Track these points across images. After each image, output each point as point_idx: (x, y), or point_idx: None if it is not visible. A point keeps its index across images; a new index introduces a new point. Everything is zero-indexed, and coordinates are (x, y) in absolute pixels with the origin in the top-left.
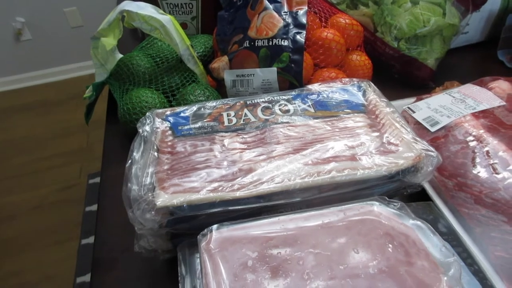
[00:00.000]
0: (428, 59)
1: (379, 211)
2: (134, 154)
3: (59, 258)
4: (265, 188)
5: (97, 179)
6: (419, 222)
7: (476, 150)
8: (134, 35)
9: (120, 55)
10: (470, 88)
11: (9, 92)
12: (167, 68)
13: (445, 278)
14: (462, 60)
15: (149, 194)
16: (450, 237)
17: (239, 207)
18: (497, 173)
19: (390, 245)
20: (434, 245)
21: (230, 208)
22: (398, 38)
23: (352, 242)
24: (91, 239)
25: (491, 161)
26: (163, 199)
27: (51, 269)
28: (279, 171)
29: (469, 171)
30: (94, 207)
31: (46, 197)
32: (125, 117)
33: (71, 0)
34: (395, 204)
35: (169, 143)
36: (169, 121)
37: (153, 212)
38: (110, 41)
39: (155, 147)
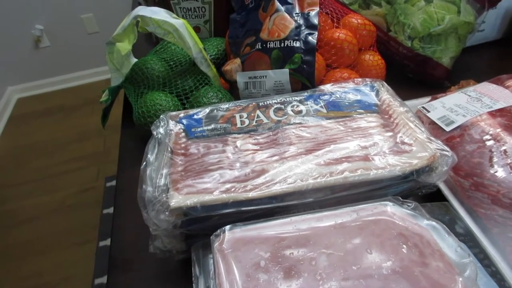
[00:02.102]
0: (443, 58)
1: (392, 211)
2: (149, 156)
3: (78, 259)
4: (277, 188)
5: (114, 182)
6: (433, 223)
7: (493, 150)
8: (148, 40)
9: (135, 60)
10: (486, 87)
11: (28, 98)
12: (181, 71)
13: (461, 279)
14: (478, 58)
15: (163, 195)
16: (467, 238)
17: (252, 207)
18: None
19: (404, 246)
20: (449, 245)
21: (243, 208)
22: (412, 37)
23: (366, 243)
24: (108, 241)
25: (509, 161)
26: (177, 200)
27: (69, 271)
28: (291, 172)
29: (486, 170)
30: (111, 210)
31: (65, 200)
32: (140, 120)
33: (88, 7)
34: (409, 204)
35: (183, 145)
36: (182, 124)
37: (167, 213)
38: (125, 46)
39: (169, 149)
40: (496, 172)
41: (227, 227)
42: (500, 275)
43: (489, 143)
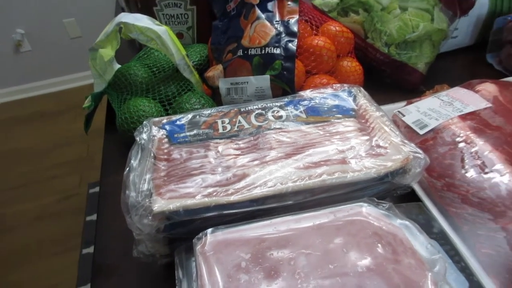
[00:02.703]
0: (418, 63)
1: (368, 212)
2: (132, 161)
3: (61, 268)
4: (258, 192)
5: (97, 189)
6: (406, 222)
7: (463, 151)
8: (131, 46)
9: (118, 66)
10: (458, 91)
11: (9, 103)
12: (164, 77)
13: (430, 274)
14: (452, 64)
15: (146, 200)
16: (439, 236)
17: (233, 211)
18: (483, 173)
19: (379, 244)
20: (420, 243)
21: (225, 212)
22: (389, 44)
23: (342, 242)
24: (91, 249)
25: (478, 162)
26: (160, 204)
27: (52, 279)
28: (271, 176)
29: (456, 171)
30: (94, 217)
31: (47, 208)
32: (123, 126)
33: (70, 11)
34: (383, 205)
35: (166, 151)
36: (165, 129)
37: (150, 218)
38: (108, 52)
39: (152, 155)
40: (466, 172)
41: (209, 230)
42: (469, 270)
43: (460, 145)
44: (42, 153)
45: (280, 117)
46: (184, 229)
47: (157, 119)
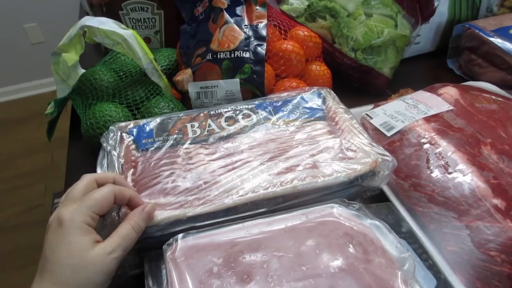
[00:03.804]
0: (384, 68)
1: (339, 212)
2: (99, 170)
3: (24, 282)
4: (230, 201)
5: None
6: (376, 222)
7: (428, 152)
8: (97, 50)
9: (83, 70)
10: (422, 95)
11: None
12: (131, 82)
13: (400, 272)
14: (415, 69)
15: (114, 214)
16: (407, 235)
17: (206, 222)
18: (447, 173)
19: (350, 245)
20: (390, 242)
21: (197, 224)
22: (355, 49)
23: (314, 244)
24: None
25: (442, 162)
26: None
27: None
28: (243, 183)
29: (422, 172)
30: None
31: (8, 220)
32: (88, 132)
33: (31, 16)
34: (354, 205)
35: (133, 158)
36: (132, 135)
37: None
38: (71, 57)
39: (119, 162)
40: (431, 173)
41: (180, 235)
42: (436, 267)
43: (425, 146)
44: (4, 162)
45: (251, 120)
46: (154, 240)
47: (123, 124)
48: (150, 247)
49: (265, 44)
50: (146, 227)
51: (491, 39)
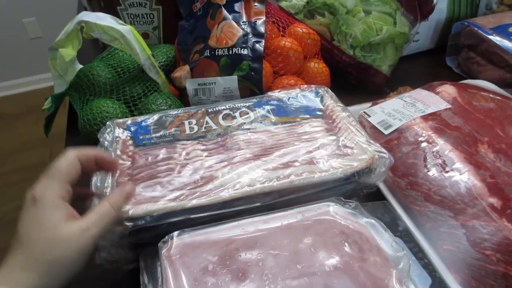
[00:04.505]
0: (382, 66)
1: (335, 211)
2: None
3: None
4: (226, 194)
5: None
6: (372, 220)
7: (426, 151)
8: (95, 46)
9: (80, 66)
10: (420, 93)
11: None
12: (129, 78)
13: (395, 271)
14: (414, 67)
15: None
16: (403, 233)
17: (201, 214)
18: (444, 172)
19: (345, 243)
20: (385, 241)
21: (192, 216)
22: (354, 46)
23: (310, 242)
24: None
25: (439, 161)
26: (124, 210)
27: None
28: (240, 178)
29: (419, 170)
30: None
31: (5, 215)
32: (85, 128)
33: (30, 10)
34: (350, 204)
35: (130, 153)
36: (130, 131)
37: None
38: (69, 52)
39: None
40: (428, 171)
41: (175, 233)
42: (431, 266)
43: (422, 145)
44: (1, 157)
45: (248, 117)
46: (150, 233)
47: (121, 120)
48: (145, 242)
49: (263, 41)
50: (139, 217)
51: (490, 37)
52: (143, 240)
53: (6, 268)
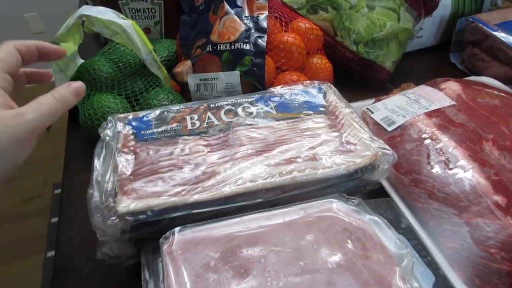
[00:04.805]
0: (386, 62)
1: (338, 208)
2: (96, 160)
3: (24, 272)
4: (227, 190)
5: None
6: (375, 217)
7: (429, 148)
8: (96, 40)
9: (82, 61)
10: (423, 89)
11: None
12: (130, 73)
13: (398, 269)
14: (417, 63)
15: (110, 200)
16: (407, 231)
17: (202, 210)
18: (448, 169)
19: (348, 240)
20: (389, 238)
21: (193, 211)
22: (357, 42)
23: (312, 239)
24: None
25: (443, 158)
26: (125, 204)
27: (15, 284)
28: (242, 173)
29: (423, 167)
30: None
31: (9, 210)
32: (86, 123)
33: (32, 5)
34: (353, 200)
35: (132, 148)
36: (131, 126)
37: (114, 218)
38: (70, 46)
39: (117, 152)
40: (432, 168)
41: (177, 229)
42: (435, 264)
43: (426, 141)
44: None
45: (251, 113)
46: (151, 229)
47: (122, 115)
48: (146, 238)
49: (266, 36)
50: (141, 212)
51: (495, 33)
52: (144, 235)
53: None
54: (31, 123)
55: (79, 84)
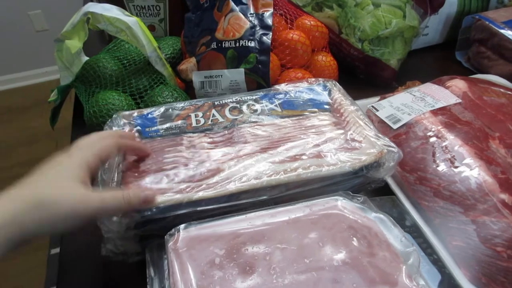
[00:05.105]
0: (391, 59)
1: (343, 205)
2: None
3: (27, 268)
4: (232, 187)
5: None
6: (381, 215)
7: (435, 146)
8: (101, 38)
9: (86, 58)
10: (429, 87)
11: None
12: (135, 70)
13: (405, 267)
14: (423, 61)
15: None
16: (412, 229)
17: (207, 207)
18: (454, 167)
19: (354, 238)
20: (395, 236)
21: (198, 208)
22: (362, 39)
23: (318, 236)
24: None
25: (449, 156)
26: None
27: (19, 280)
28: (246, 171)
29: (428, 165)
30: None
31: None
32: (91, 120)
33: (36, 3)
34: (358, 198)
35: None
36: (136, 123)
37: (119, 215)
38: (75, 44)
39: None
40: (437, 166)
41: (182, 226)
42: (441, 262)
43: (431, 139)
44: (7, 150)
45: (255, 110)
46: (156, 225)
47: (127, 112)
48: (151, 235)
49: (271, 33)
50: (145, 210)
51: (502, 31)
52: (149, 232)
53: (2, 193)
54: (91, 211)
55: (149, 194)
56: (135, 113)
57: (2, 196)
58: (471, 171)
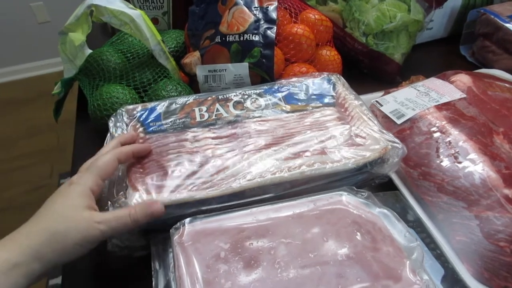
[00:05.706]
0: (395, 54)
1: (347, 200)
2: None
3: None
4: (237, 185)
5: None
6: (385, 210)
7: (439, 141)
8: (104, 31)
9: (90, 51)
10: (433, 82)
11: None
12: (139, 63)
13: (408, 262)
14: (427, 55)
15: (121, 193)
16: (415, 224)
17: (212, 206)
18: (458, 162)
19: (358, 233)
20: (398, 231)
21: (203, 208)
22: (366, 33)
23: (322, 231)
24: None
25: (453, 151)
26: (135, 198)
27: None
28: (251, 168)
29: (432, 161)
30: None
31: (14, 199)
32: (95, 114)
33: None
34: (362, 193)
35: (140, 140)
36: (140, 117)
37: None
38: (78, 36)
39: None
40: (441, 162)
41: (187, 220)
42: (444, 257)
43: (435, 135)
44: (9, 142)
45: (259, 105)
46: (161, 220)
47: (131, 106)
48: (156, 229)
49: (275, 27)
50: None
51: (507, 25)
52: (154, 226)
53: (14, 232)
54: (103, 233)
55: (156, 207)
56: (139, 107)
57: (16, 234)
58: (475, 167)
